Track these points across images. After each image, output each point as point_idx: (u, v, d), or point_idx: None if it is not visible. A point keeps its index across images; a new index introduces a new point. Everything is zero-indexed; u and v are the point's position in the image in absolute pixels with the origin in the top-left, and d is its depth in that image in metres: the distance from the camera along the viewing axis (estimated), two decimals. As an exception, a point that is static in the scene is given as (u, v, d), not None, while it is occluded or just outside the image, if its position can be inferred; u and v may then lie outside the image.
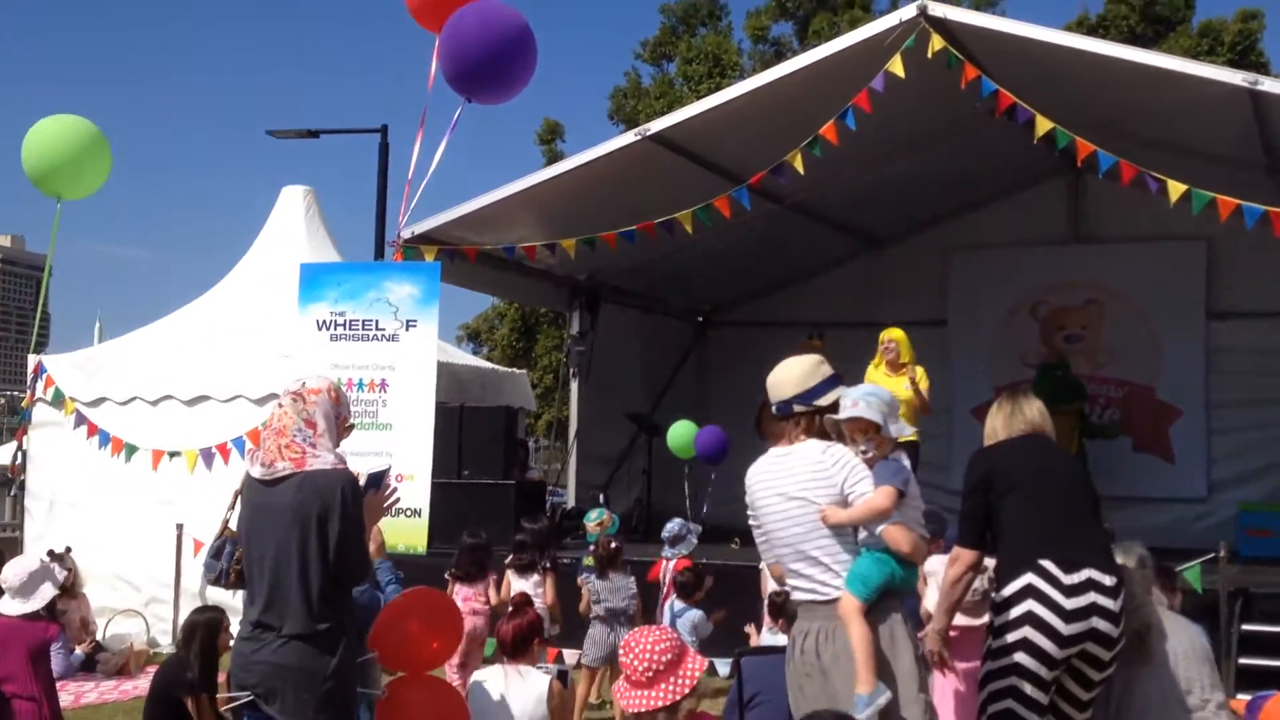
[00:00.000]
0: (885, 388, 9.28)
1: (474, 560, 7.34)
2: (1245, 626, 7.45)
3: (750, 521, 4.34)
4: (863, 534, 4.10)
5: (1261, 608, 7.75)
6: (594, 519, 8.35)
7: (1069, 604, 4.32)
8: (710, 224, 9.08)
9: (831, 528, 4.04)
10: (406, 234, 9.87)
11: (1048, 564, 4.38)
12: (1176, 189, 7.78)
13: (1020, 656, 4.36)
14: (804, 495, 4.05)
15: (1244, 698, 6.17)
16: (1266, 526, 9.95)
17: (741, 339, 13.45)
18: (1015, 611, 4.38)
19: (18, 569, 5.52)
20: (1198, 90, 8.21)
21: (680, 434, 10.28)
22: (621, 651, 3.84)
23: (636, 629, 3.96)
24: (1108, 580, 4.39)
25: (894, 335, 9.30)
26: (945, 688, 5.21)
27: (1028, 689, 4.37)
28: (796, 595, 4.18)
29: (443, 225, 9.97)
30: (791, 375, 4.22)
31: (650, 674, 3.74)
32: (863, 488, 4.03)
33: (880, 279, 13.32)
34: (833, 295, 13.46)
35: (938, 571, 5.26)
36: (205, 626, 5.45)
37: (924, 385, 9.17)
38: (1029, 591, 4.37)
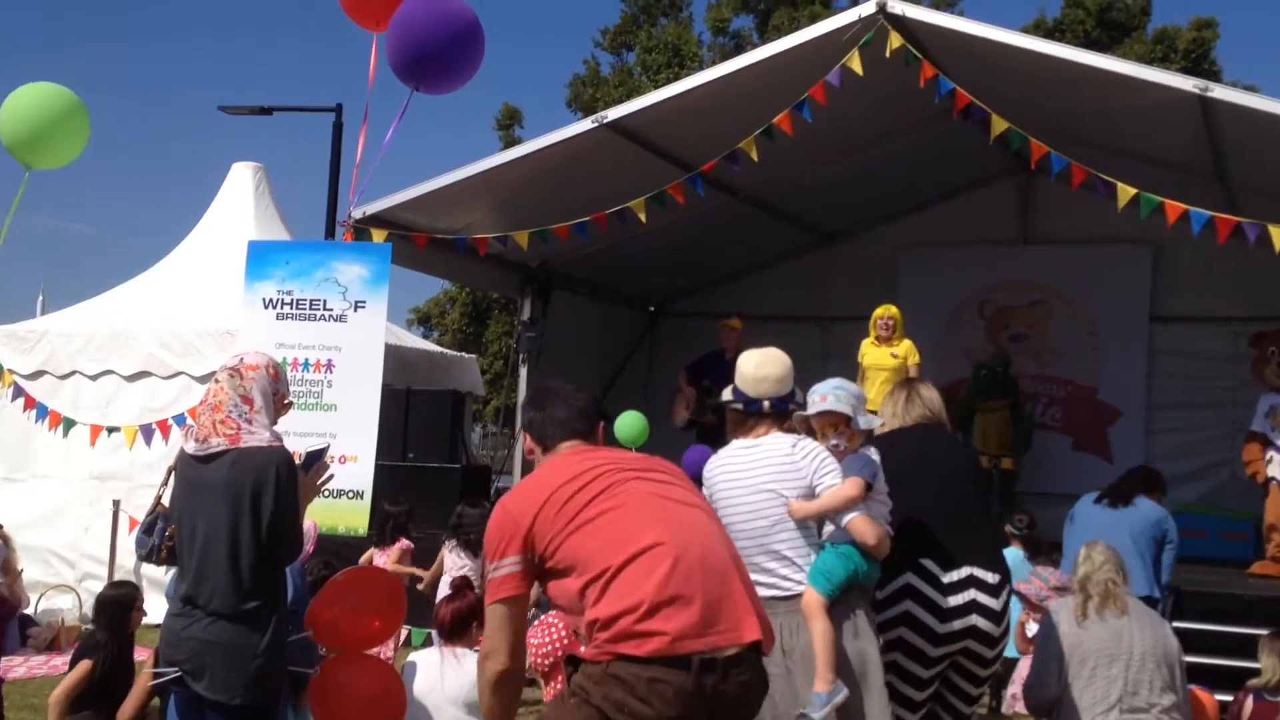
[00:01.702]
0: (880, 360, 9.56)
1: (390, 526, 7.98)
2: (1176, 624, 7.57)
3: None
4: (828, 528, 4.09)
5: (1192, 605, 7.92)
6: None
7: (946, 603, 4.32)
8: (664, 206, 9.06)
9: (798, 522, 4.04)
10: (357, 214, 9.77)
11: (927, 562, 4.37)
12: (1126, 192, 7.86)
13: (897, 655, 4.36)
14: (773, 488, 4.03)
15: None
16: (1201, 528, 10.09)
17: (692, 329, 13.45)
18: (893, 611, 4.38)
19: None
20: (1150, 95, 8.29)
21: (629, 424, 10.22)
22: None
23: None
24: (990, 577, 4.39)
25: (893, 311, 9.74)
26: None
27: (903, 686, 4.39)
28: (758, 591, 4.17)
29: (394, 207, 9.87)
30: (779, 373, 4.19)
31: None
32: (830, 480, 4.03)
33: (832, 274, 13.39)
34: (784, 288, 13.51)
35: None
36: (117, 605, 5.41)
37: (914, 360, 9.52)
38: (907, 591, 4.36)
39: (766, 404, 4.15)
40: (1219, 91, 8.00)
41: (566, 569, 3.16)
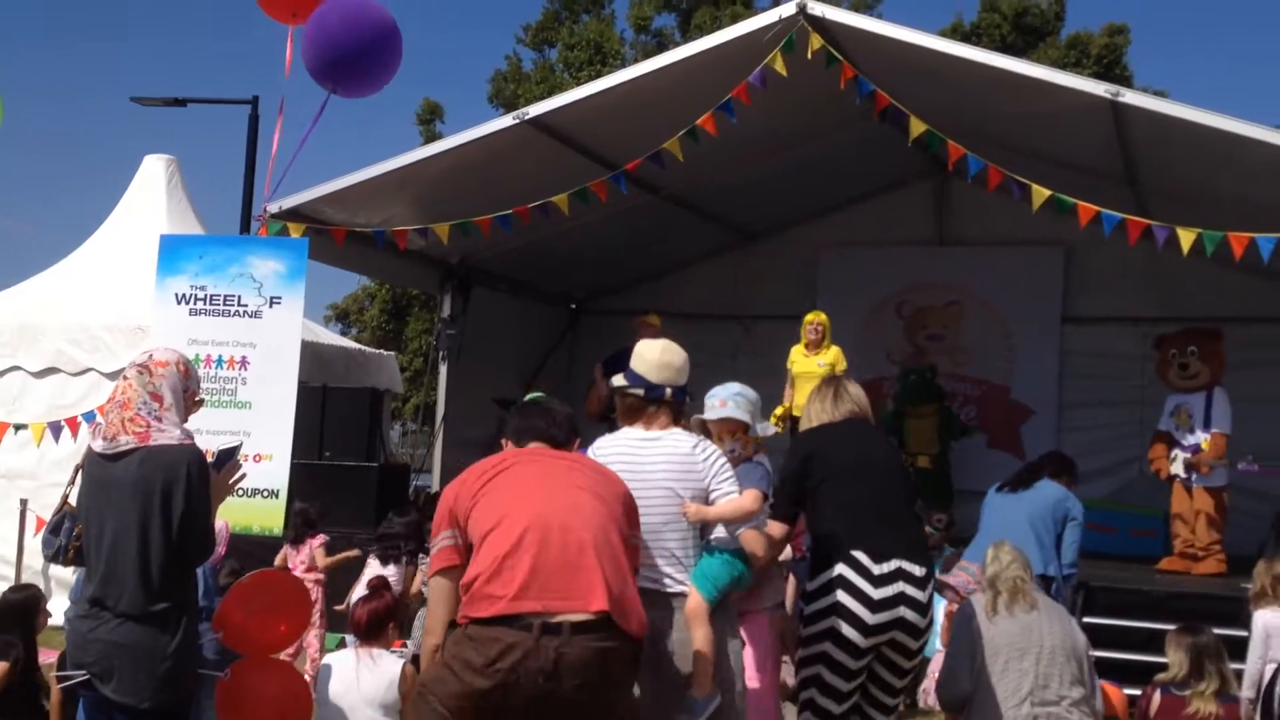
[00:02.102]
0: (808, 368, 9.77)
1: (300, 523, 7.96)
2: (1086, 619, 7.73)
3: None
4: (718, 532, 4.10)
5: (1101, 601, 8.10)
6: None
7: (876, 594, 4.41)
8: (587, 202, 9.04)
9: (689, 523, 4.04)
10: (273, 208, 9.61)
11: (859, 554, 4.45)
12: (1040, 194, 7.99)
13: (827, 646, 4.45)
14: (670, 486, 4.03)
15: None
16: (1110, 524, 10.30)
17: (614, 327, 13.44)
18: (825, 601, 4.47)
19: None
20: (1063, 100, 8.43)
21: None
22: None
23: None
24: (917, 570, 4.49)
25: (821, 319, 9.90)
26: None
27: (831, 677, 4.47)
28: (639, 585, 4.17)
29: (312, 201, 9.72)
30: (679, 362, 4.23)
31: None
32: (728, 488, 4.04)
33: (752, 272, 13.48)
34: (705, 287, 13.57)
35: None
36: (26, 608, 5.27)
37: (841, 367, 9.65)
38: (838, 582, 4.44)
39: (669, 391, 4.17)
40: (1130, 96, 8.17)
41: (471, 543, 3.49)
